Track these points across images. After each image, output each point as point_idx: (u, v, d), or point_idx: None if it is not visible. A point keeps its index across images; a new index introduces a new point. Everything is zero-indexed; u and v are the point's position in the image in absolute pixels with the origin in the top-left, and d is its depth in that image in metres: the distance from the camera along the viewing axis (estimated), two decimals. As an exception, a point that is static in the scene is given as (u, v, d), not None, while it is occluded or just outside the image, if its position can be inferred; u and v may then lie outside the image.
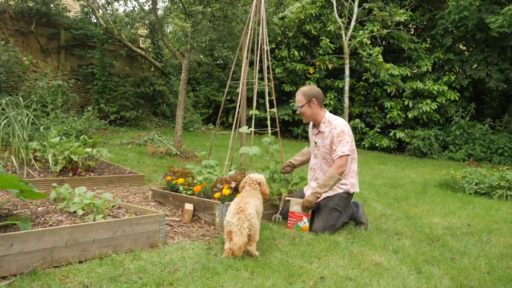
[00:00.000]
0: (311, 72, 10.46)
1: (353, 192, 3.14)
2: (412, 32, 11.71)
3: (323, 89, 10.71)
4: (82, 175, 3.77)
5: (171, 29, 12.59)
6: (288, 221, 3.03)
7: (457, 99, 9.60)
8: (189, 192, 3.18)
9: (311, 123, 3.23)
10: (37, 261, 1.95)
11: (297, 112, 3.14)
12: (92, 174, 3.88)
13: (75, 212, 2.49)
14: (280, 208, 3.19)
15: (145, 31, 11.55)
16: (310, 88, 3.14)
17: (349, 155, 2.98)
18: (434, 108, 9.34)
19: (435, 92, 9.47)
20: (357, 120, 10.11)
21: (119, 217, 2.48)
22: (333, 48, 10.17)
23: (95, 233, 2.15)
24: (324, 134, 3.07)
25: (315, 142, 3.16)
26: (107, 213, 2.50)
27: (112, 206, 2.66)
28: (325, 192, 2.99)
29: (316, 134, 3.14)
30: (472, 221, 3.63)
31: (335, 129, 3.01)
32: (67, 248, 2.05)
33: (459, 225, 3.46)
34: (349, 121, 9.99)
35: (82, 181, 3.62)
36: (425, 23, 11.32)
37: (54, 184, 2.99)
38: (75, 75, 9.26)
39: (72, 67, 9.43)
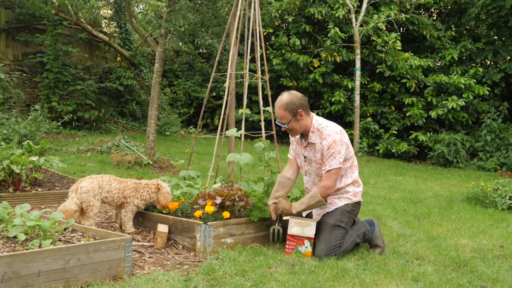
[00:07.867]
0: (316, 66, 10.49)
1: (358, 202, 3.19)
2: (434, 17, 11.85)
3: (329, 86, 10.76)
4: (27, 191, 3.74)
5: (141, 8, 12.53)
6: (286, 246, 3.04)
7: (487, 93, 9.70)
8: (163, 211, 3.15)
9: None
10: (-36, 300, 1.92)
11: (283, 129, 3.10)
12: (40, 189, 3.86)
13: (15, 237, 2.44)
14: (276, 219, 3.12)
15: (109, 11, 11.47)
16: (291, 97, 3.06)
17: (339, 168, 3.01)
18: (461, 105, 9.43)
19: (462, 86, 9.55)
20: (369, 119, 10.14)
21: (73, 243, 2.45)
22: (344, 38, 10.21)
23: (41, 263, 2.11)
24: (316, 146, 3.08)
25: (304, 156, 3.18)
26: (57, 238, 2.47)
27: (64, 229, 2.62)
28: (303, 211, 3.09)
29: (306, 146, 3.15)
30: (505, 242, 3.68)
31: (325, 140, 3.02)
32: (4, 283, 2.00)
33: (490, 247, 3.51)
34: (359, 122, 10.04)
35: (26, 198, 3.59)
36: (449, 7, 11.47)
37: (-12, 202, 2.91)
38: (19, 66, 9.16)
39: (16, 55, 9.31)
